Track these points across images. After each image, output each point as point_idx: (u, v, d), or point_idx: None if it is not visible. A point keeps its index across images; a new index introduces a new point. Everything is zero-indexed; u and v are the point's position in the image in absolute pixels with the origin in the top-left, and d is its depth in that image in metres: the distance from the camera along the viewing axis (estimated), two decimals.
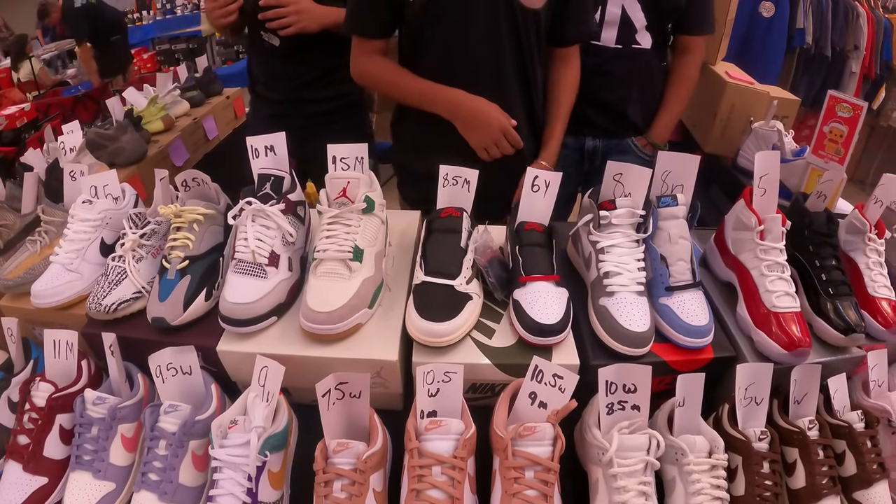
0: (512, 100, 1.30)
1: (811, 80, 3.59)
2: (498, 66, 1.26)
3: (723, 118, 1.68)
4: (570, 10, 1.28)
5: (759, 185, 0.94)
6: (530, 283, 0.87)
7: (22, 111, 4.04)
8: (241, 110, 2.50)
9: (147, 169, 1.80)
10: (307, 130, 1.70)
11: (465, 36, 1.22)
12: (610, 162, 0.95)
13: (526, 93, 1.33)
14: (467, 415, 0.75)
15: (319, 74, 1.74)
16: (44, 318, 1.07)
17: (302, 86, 1.76)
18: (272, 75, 1.80)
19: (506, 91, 1.29)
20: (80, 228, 1.09)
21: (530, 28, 1.24)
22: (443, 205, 0.97)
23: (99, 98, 4.41)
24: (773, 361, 0.85)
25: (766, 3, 3.06)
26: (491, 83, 1.26)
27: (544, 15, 1.24)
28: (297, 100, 1.78)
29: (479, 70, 1.25)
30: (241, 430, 0.76)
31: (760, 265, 0.92)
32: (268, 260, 0.89)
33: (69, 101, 4.21)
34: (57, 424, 0.90)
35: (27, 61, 5.66)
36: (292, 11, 1.54)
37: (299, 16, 1.54)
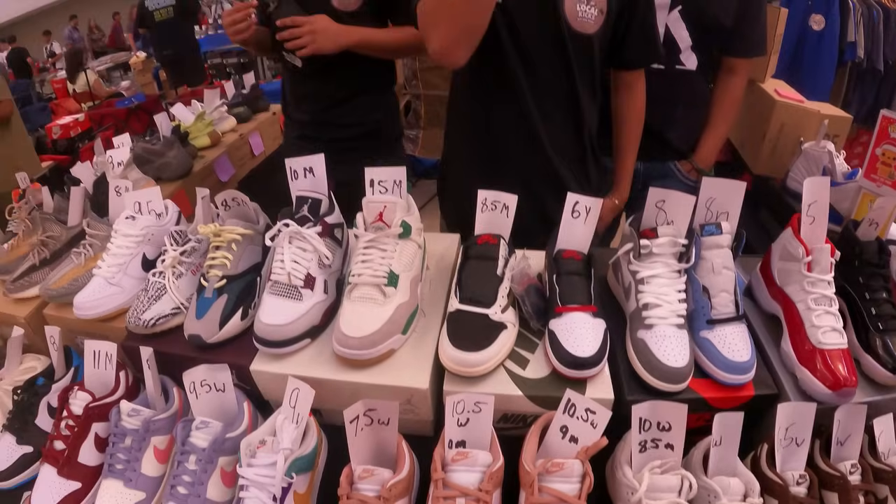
0: (554, 116, 1.27)
1: (863, 95, 3.44)
2: (545, 86, 1.24)
3: (772, 138, 1.62)
4: (633, 33, 1.24)
5: (808, 213, 0.90)
6: (567, 314, 0.85)
7: (76, 121, 4.26)
8: None
9: (193, 184, 1.84)
10: (336, 154, 1.68)
11: (511, 52, 1.19)
12: (652, 188, 0.92)
13: (575, 117, 1.29)
14: (496, 446, 0.74)
15: (343, 97, 1.71)
16: (85, 329, 1.10)
17: (328, 108, 1.74)
18: (299, 96, 1.79)
19: (553, 112, 1.26)
20: (122, 243, 1.12)
21: (581, 53, 1.21)
22: (481, 230, 0.96)
23: (151, 109, 4.60)
24: (817, 401, 0.80)
25: (816, 16, 2.96)
26: (537, 101, 1.24)
27: (600, 40, 1.21)
28: (322, 122, 1.76)
29: (525, 90, 1.23)
30: (269, 451, 0.77)
31: (807, 298, 0.87)
32: (303, 282, 0.90)
33: (123, 112, 4.41)
34: (93, 432, 0.93)
35: (83, 73, 5.93)
36: (307, 32, 1.50)
37: (314, 36, 1.50)
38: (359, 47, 1.55)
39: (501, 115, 1.28)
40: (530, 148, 1.29)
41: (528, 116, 1.26)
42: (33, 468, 0.97)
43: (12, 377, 1.11)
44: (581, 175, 1.34)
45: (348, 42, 1.53)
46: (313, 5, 1.54)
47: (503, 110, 1.27)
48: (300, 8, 1.54)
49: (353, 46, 1.54)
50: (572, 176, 1.32)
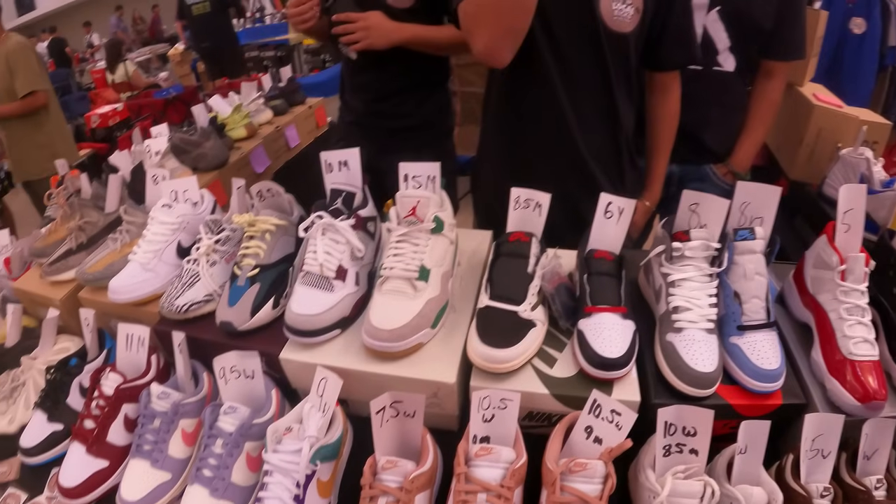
0: (590, 118, 1.26)
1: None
2: (580, 86, 1.23)
3: (809, 143, 1.59)
4: (668, 33, 1.22)
5: (843, 221, 0.88)
6: (596, 314, 0.85)
7: (115, 111, 4.36)
8: (323, 120, 2.56)
9: (228, 174, 1.87)
10: (385, 143, 1.73)
11: (547, 52, 1.19)
12: (686, 191, 0.91)
13: (611, 118, 1.27)
14: (520, 443, 0.74)
15: (395, 90, 1.74)
16: (119, 312, 1.13)
17: (380, 99, 1.77)
18: (354, 85, 1.84)
19: (588, 113, 1.25)
20: (158, 230, 1.15)
21: (618, 52, 1.20)
22: (513, 227, 0.96)
23: (189, 100, 4.69)
24: (845, 413, 0.79)
25: (857, 20, 2.88)
26: (572, 102, 1.23)
27: (635, 39, 1.19)
28: (375, 112, 1.80)
29: (560, 89, 1.22)
30: (295, 438, 0.78)
31: (839, 307, 0.85)
32: (335, 274, 0.91)
33: (160, 102, 4.50)
34: (122, 413, 0.96)
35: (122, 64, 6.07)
36: (361, 28, 1.53)
37: (367, 32, 1.53)
38: (410, 43, 1.58)
39: (535, 116, 1.27)
40: (564, 149, 1.28)
41: (562, 117, 1.25)
42: (62, 446, 1.00)
43: (46, 357, 1.15)
44: (616, 177, 1.33)
45: (400, 38, 1.56)
46: (368, 2, 1.57)
47: (537, 110, 1.27)
48: (356, 4, 1.58)
49: (404, 43, 1.57)
50: (606, 178, 1.31)
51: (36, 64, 3.08)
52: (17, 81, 2.99)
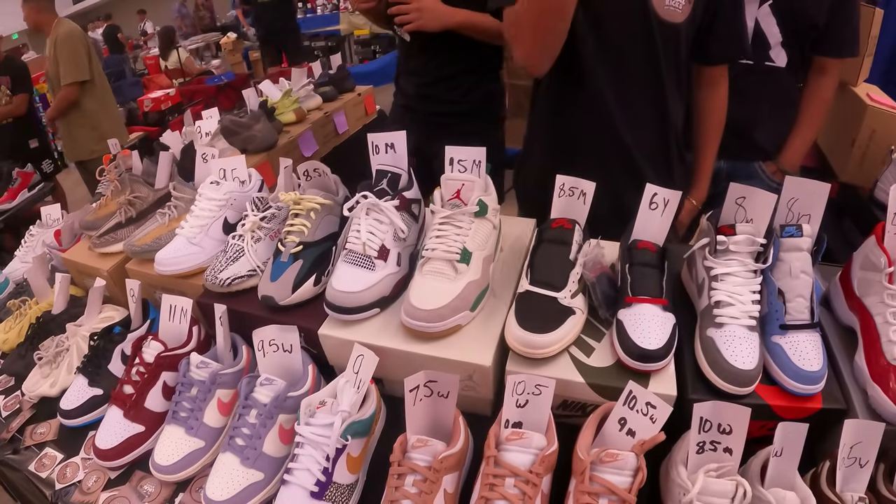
0: (639, 113, 1.24)
1: None
2: (630, 79, 1.20)
3: (861, 145, 1.54)
4: (718, 25, 1.20)
5: (893, 223, 0.85)
6: (636, 305, 0.84)
7: (167, 96, 4.49)
8: (372, 108, 2.58)
9: (277, 157, 1.89)
10: (435, 128, 1.78)
11: (596, 41, 1.17)
12: (733, 184, 0.89)
13: (660, 112, 1.24)
14: (552, 431, 0.74)
15: (446, 76, 1.78)
16: (163, 284, 1.17)
17: (431, 83, 1.82)
18: (408, 68, 1.89)
19: (637, 106, 1.23)
20: (206, 206, 1.18)
21: (669, 42, 1.17)
22: (557, 215, 0.96)
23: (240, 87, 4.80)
24: (886, 421, 0.75)
25: None
26: (621, 94, 1.21)
27: (686, 30, 1.17)
28: (426, 96, 1.84)
29: (609, 81, 1.20)
30: (328, 412, 0.80)
31: (886, 311, 0.82)
32: (377, 253, 0.93)
33: (212, 89, 4.62)
34: (161, 380, 0.99)
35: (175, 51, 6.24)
36: (414, 9, 1.59)
37: (420, 13, 1.59)
38: (462, 28, 1.62)
39: (582, 110, 1.26)
40: (612, 145, 1.26)
41: (610, 113, 1.23)
42: (101, 410, 1.04)
43: (91, 324, 1.19)
44: (664, 172, 1.29)
45: (452, 22, 1.60)
46: None
47: (585, 105, 1.25)
48: None
49: (456, 27, 1.61)
50: (654, 173, 1.28)
51: (82, 54, 3.22)
52: (60, 70, 3.13)
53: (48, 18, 3.21)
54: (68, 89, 3.19)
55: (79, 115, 3.29)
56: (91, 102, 3.31)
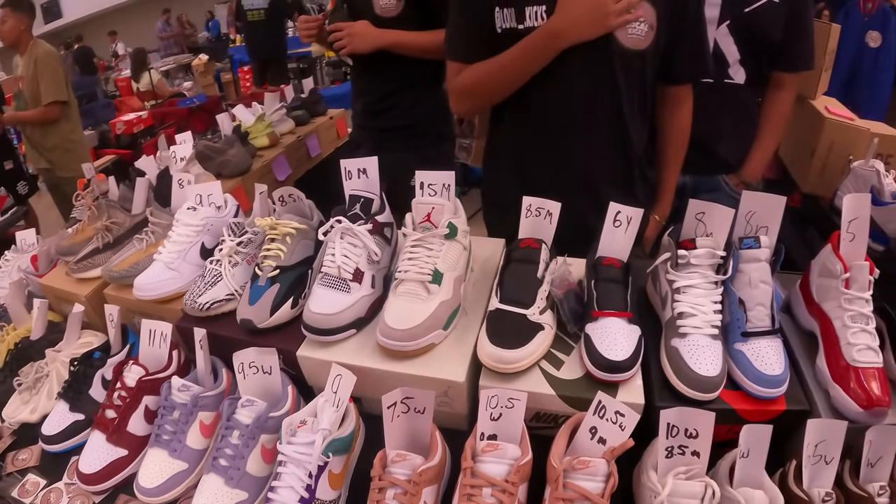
0: (603, 138, 1.26)
1: None
2: (592, 107, 1.22)
3: (821, 156, 1.59)
4: (682, 46, 1.22)
5: (848, 230, 0.89)
6: (602, 319, 0.87)
7: (139, 118, 4.48)
8: (344, 131, 2.62)
9: (251, 181, 1.93)
10: (384, 144, 1.91)
11: (557, 71, 1.17)
12: (692, 200, 0.93)
13: (622, 139, 1.26)
14: (526, 442, 0.77)
15: (387, 93, 1.92)
16: (142, 309, 1.18)
17: (375, 101, 1.96)
18: (357, 90, 2.05)
19: (598, 129, 1.24)
20: (183, 232, 1.19)
21: (633, 70, 1.19)
22: (524, 234, 0.99)
23: (212, 110, 4.80)
24: (848, 419, 0.79)
25: (873, 33, 2.89)
26: (581, 118, 1.23)
27: (651, 55, 1.19)
28: (371, 113, 2.00)
29: (571, 110, 1.22)
30: (309, 431, 0.81)
31: (844, 315, 0.87)
32: (352, 276, 0.95)
33: (184, 111, 4.61)
34: (143, 404, 1.00)
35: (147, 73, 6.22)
36: (345, 34, 1.76)
37: (351, 38, 1.76)
38: (392, 47, 1.77)
39: (542, 145, 1.28)
40: (574, 173, 1.28)
41: (571, 147, 1.25)
42: (83, 435, 1.04)
43: (70, 350, 1.19)
44: (627, 193, 1.31)
45: (381, 43, 1.76)
46: (360, 13, 1.80)
47: (544, 139, 1.27)
48: (348, 16, 1.81)
49: (386, 46, 1.76)
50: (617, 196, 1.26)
51: (62, 75, 3.22)
52: (41, 88, 3.12)
53: (27, 37, 3.22)
54: (50, 108, 3.18)
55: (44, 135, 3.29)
56: (66, 123, 3.31)
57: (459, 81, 1.29)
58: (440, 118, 2.00)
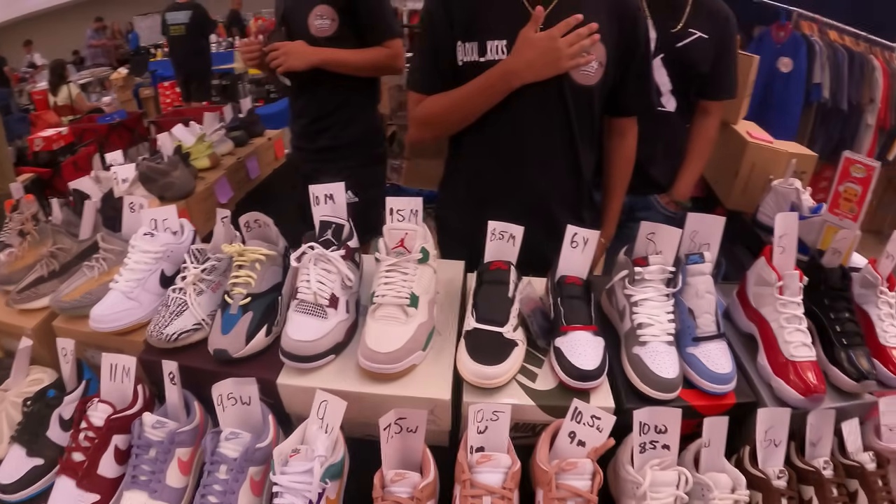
0: (557, 172, 1.34)
1: (828, 133, 3.67)
2: (544, 137, 1.30)
3: (744, 176, 1.74)
4: (629, 81, 1.30)
5: (779, 244, 1.02)
6: (571, 332, 0.94)
7: (59, 134, 4.20)
8: (282, 152, 2.60)
9: (195, 204, 1.89)
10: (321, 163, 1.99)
11: (512, 104, 1.25)
12: (644, 222, 1.02)
13: (572, 166, 1.35)
14: (512, 451, 0.82)
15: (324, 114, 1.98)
16: (97, 342, 1.12)
17: (311, 122, 2.02)
18: (293, 112, 2.10)
19: (550, 163, 1.33)
20: (141, 259, 1.14)
21: (582, 103, 1.27)
22: (490, 258, 1.05)
23: (133, 127, 4.58)
24: (791, 406, 0.91)
25: (784, 59, 3.19)
26: (536, 150, 1.31)
27: (599, 90, 1.27)
28: (308, 134, 2.05)
29: (525, 139, 1.30)
30: (303, 459, 0.81)
31: (779, 318, 0.99)
32: (328, 301, 0.96)
33: (104, 128, 4.38)
34: (113, 444, 0.94)
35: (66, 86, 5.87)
36: (281, 53, 1.83)
37: (286, 56, 1.83)
38: (326, 64, 1.85)
39: (498, 170, 1.35)
40: (525, 195, 1.35)
41: (525, 172, 1.32)
42: (44, 480, 0.97)
43: (19, 389, 1.11)
44: (576, 217, 1.40)
45: (315, 60, 1.84)
46: (296, 34, 1.87)
47: (500, 165, 1.34)
48: (287, 36, 1.89)
49: (320, 63, 1.85)
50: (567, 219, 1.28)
51: None
52: None
53: None
54: None
55: None
56: None
57: (420, 111, 1.35)
58: (374, 139, 2.08)
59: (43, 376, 1.15)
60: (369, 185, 2.04)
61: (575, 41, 1.15)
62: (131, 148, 4.52)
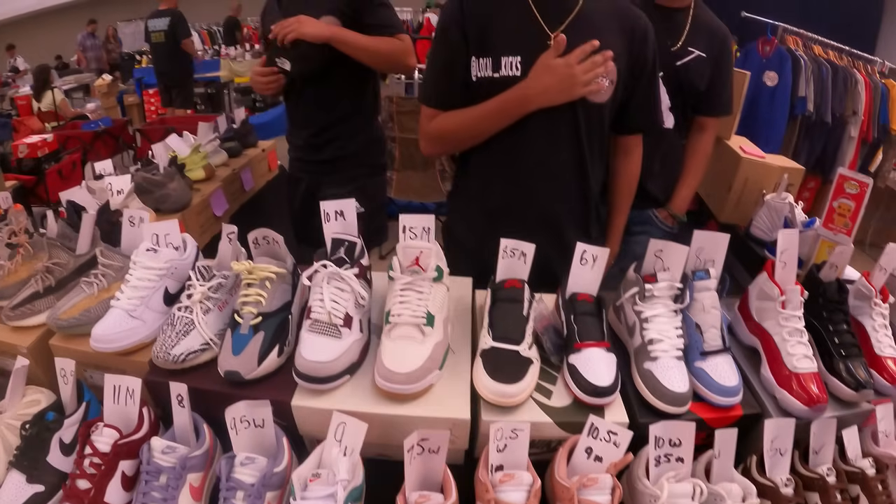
0: (566, 188, 1.35)
1: (812, 145, 3.77)
2: (554, 153, 1.31)
3: (737, 191, 1.77)
4: (636, 100, 1.33)
5: (781, 260, 1.06)
6: (585, 349, 0.96)
7: (44, 141, 4.11)
8: (275, 163, 2.57)
9: (191, 217, 1.86)
10: (323, 175, 1.97)
11: (523, 120, 1.26)
12: (652, 240, 1.05)
13: (582, 183, 1.36)
14: (531, 468, 0.83)
15: (327, 125, 1.95)
16: (97, 362, 1.09)
17: (316, 134, 1.98)
18: (294, 122, 2.05)
19: (560, 179, 1.34)
20: (144, 276, 1.12)
21: (593, 120, 1.29)
22: (502, 275, 1.05)
23: (118, 135, 4.52)
24: (795, 417, 0.94)
25: (770, 73, 3.27)
26: (546, 166, 1.32)
27: (609, 108, 1.29)
28: (311, 146, 2.01)
29: (535, 155, 1.31)
30: (324, 483, 0.80)
31: (782, 331, 1.02)
32: (342, 321, 0.96)
33: (89, 135, 4.31)
34: (119, 470, 0.91)
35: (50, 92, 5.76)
36: (292, 22, 1.73)
37: (299, 23, 1.72)
38: (340, 42, 1.76)
39: (509, 187, 1.36)
40: (539, 217, 1.36)
41: (537, 188, 1.34)
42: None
43: (16, 411, 1.07)
44: (584, 233, 1.41)
45: (329, 32, 1.75)
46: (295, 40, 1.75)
47: (511, 181, 1.35)
48: None
49: (332, 38, 1.75)
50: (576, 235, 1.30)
51: None
52: None
53: None
54: None
55: None
56: None
57: (433, 127, 1.36)
58: (378, 149, 2.08)
59: (40, 397, 1.11)
60: (374, 196, 2.05)
61: (591, 69, 1.17)
62: (116, 156, 4.46)
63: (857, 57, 3.69)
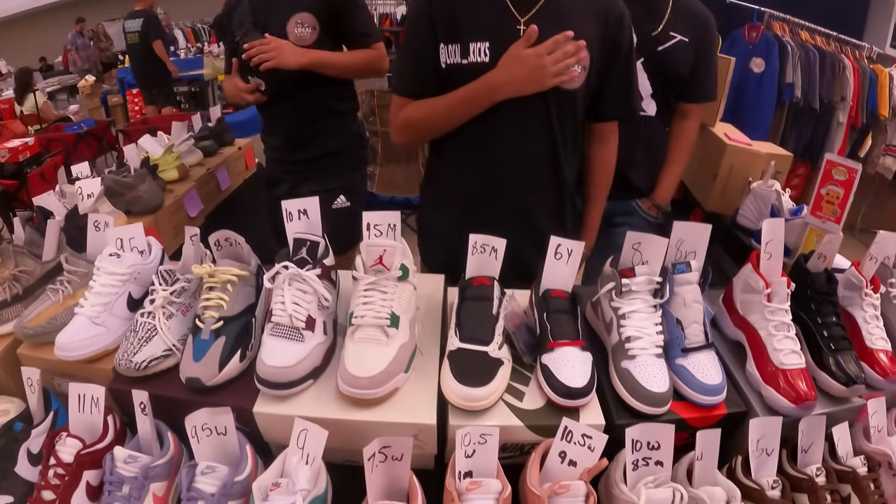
0: (539, 178, 1.32)
1: (800, 131, 3.74)
2: (526, 141, 1.28)
3: (723, 178, 1.75)
4: (611, 86, 1.30)
5: (766, 251, 1.01)
6: (558, 349, 0.92)
7: (25, 145, 4.05)
8: (252, 161, 2.53)
9: (163, 218, 1.83)
10: (304, 173, 1.93)
11: (493, 107, 1.23)
12: (629, 232, 1.00)
13: (555, 172, 1.33)
14: (502, 475, 0.79)
15: (306, 123, 1.91)
16: (63, 370, 1.07)
17: (293, 133, 1.93)
18: (270, 123, 2.01)
19: (533, 168, 1.32)
20: (107, 282, 1.09)
21: (565, 108, 1.26)
22: (472, 272, 1.01)
23: (101, 136, 4.46)
24: (782, 415, 0.90)
25: (757, 60, 3.24)
26: (517, 155, 1.29)
27: (581, 95, 1.26)
28: (290, 146, 1.96)
29: (506, 143, 1.28)
30: (285, 493, 0.77)
31: (768, 325, 0.98)
32: (304, 324, 0.92)
33: (71, 137, 4.26)
34: (84, 481, 0.90)
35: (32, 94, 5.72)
36: (272, 48, 1.70)
37: (279, 51, 1.70)
38: (317, 66, 1.78)
39: (481, 176, 1.33)
40: (512, 207, 1.34)
41: (508, 178, 1.31)
42: None
43: None
44: (559, 225, 1.39)
45: (306, 60, 1.75)
46: None
47: (483, 171, 1.32)
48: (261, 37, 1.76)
49: (310, 64, 1.76)
50: (551, 228, 1.28)
51: None
52: None
53: None
54: None
55: None
56: None
57: (403, 115, 1.33)
58: (359, 143, 2.05)
59: (9, 407, 1.09)
60: (358, 190, 2.02)
61: (561, 59, 1.15)
62: (99, 158, 4.41)
63: (845, 42, 3.65)
